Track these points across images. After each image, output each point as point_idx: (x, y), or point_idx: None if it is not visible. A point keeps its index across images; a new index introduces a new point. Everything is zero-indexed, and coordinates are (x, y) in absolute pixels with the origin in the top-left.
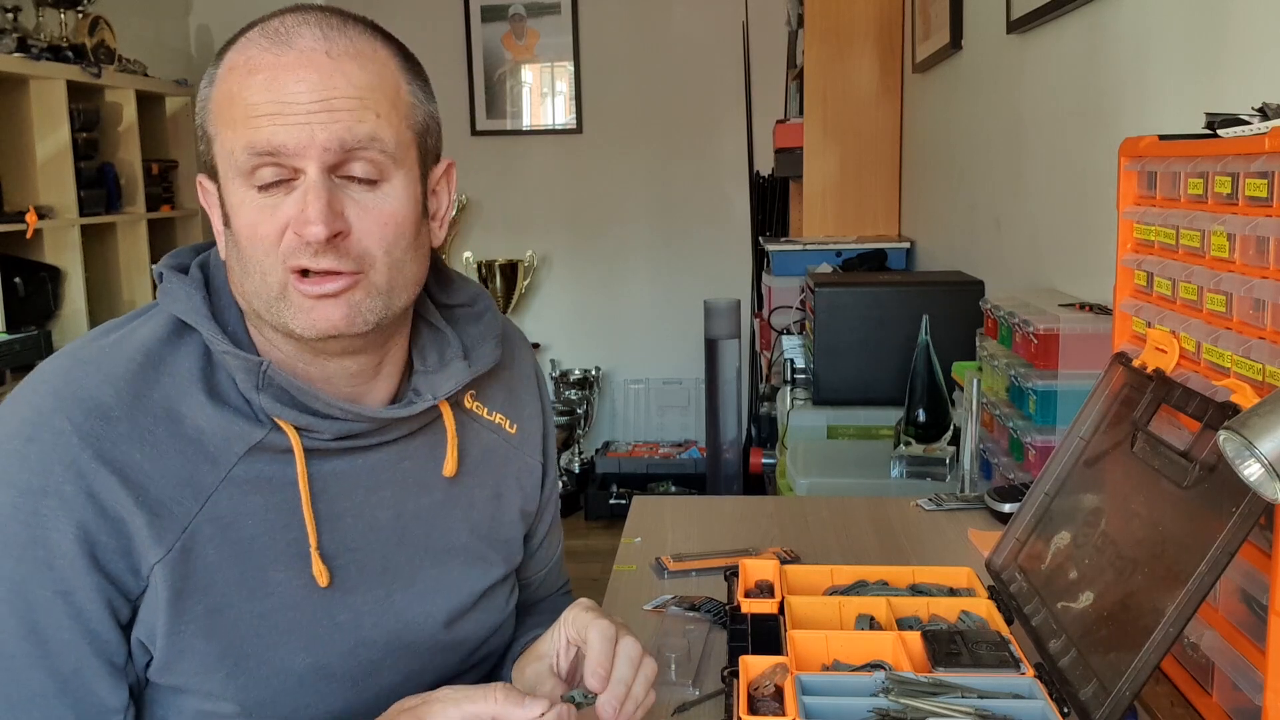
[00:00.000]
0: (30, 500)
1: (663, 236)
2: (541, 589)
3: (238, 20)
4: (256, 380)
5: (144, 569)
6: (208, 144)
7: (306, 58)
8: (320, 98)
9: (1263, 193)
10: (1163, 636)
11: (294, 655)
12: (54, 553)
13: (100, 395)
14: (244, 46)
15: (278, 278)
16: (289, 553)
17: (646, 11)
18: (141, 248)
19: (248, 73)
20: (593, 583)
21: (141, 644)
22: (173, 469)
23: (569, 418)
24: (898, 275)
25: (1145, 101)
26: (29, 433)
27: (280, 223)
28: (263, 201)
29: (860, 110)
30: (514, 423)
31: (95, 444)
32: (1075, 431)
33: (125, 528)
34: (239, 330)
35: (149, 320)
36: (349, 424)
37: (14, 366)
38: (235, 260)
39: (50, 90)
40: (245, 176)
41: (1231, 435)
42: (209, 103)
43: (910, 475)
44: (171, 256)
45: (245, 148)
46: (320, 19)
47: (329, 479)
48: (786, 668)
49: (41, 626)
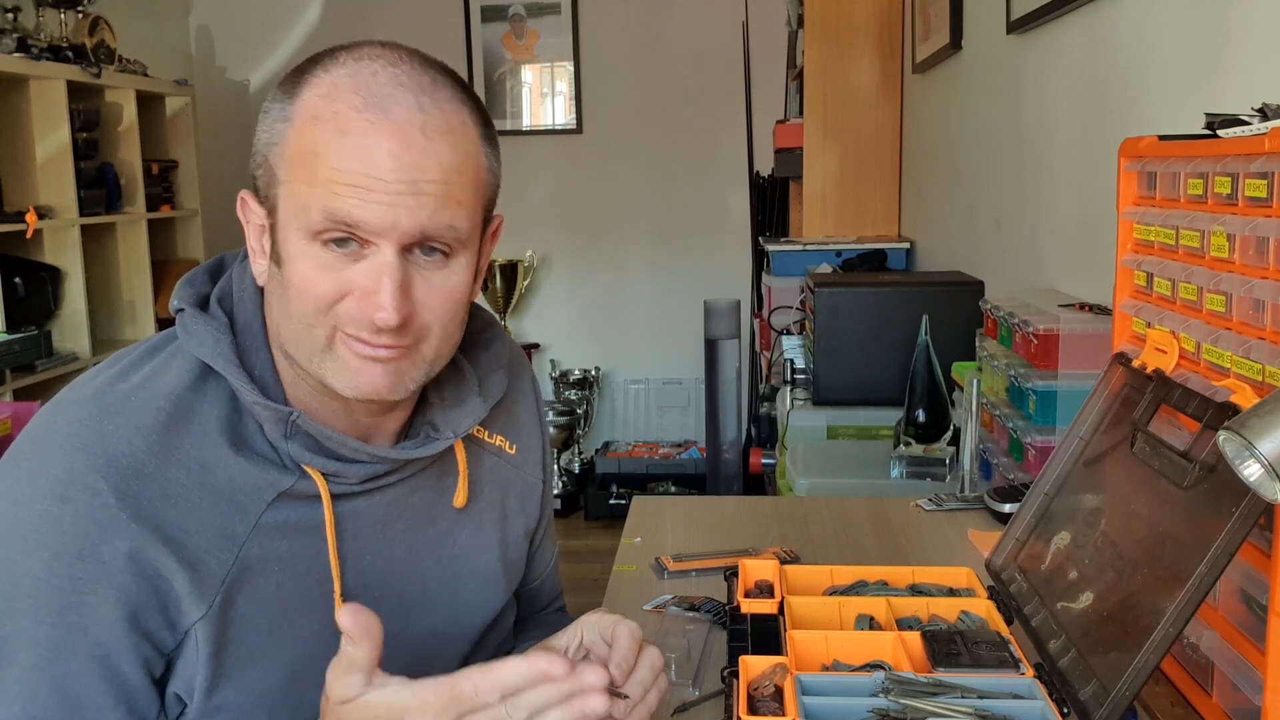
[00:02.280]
0: (65, 564)
1: (663, 236)
2: (538, 598)
3: (238, 20)
4: (285, 430)
5: (184, 625)
6: (269, 178)
7: (401, 131)
8: (409, 178)
9: (1262, 193)
10: (1162, 637)
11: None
12: (89, 617)
13: (133, 451)
14: (331, 95)
15: (325, 334)
16: (313, 596)
17: (646, 11)
18: (141, 248)
19: (338, 132)
20: (592, 583)
21: (178, 697)
22: (208, 522)
23: (569, 418)
24: (898, 275)
25: (1145, 102)
26: (61, 492)
27: (342, 286)
28: (326, 259)
29: (860, 110)
30: (514, 444)
31: (133, 504)
32: (1075, 432)
33: (165, 586)
34: (265, 373)
35: (171, 363)
36: (373, 466)
37: (14, 366)
38: (277, 299)
39: (50, 90)
40: (313, 233)
41: (1231, 435)
42: (283, 143)
43: (910, 475)
44: (188, 285)
45: (322, 211)
46: (414, 79)
47: (348, 519)
48: (786, 668)
49: (76, 693)
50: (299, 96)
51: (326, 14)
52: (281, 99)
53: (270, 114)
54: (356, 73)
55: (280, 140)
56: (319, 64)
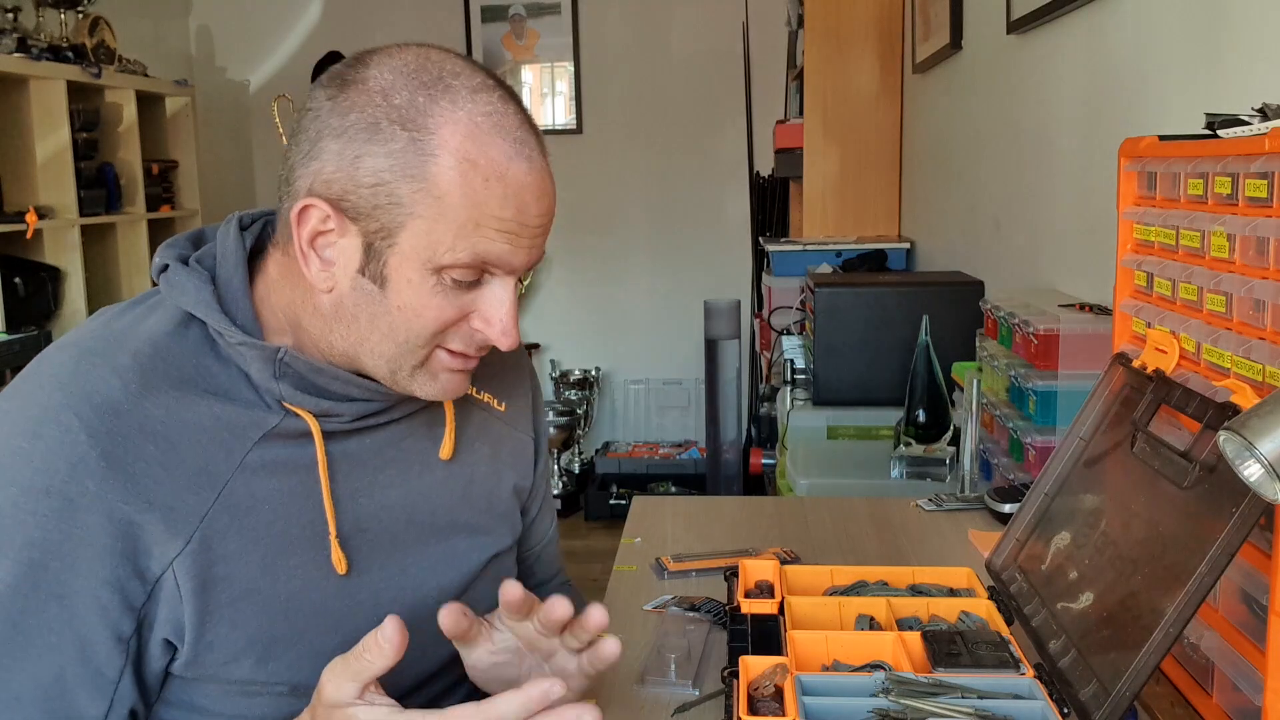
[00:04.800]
0: (31, 499)
1: (663, 236)
2: (538, 568)
3: (238, 21)
4: (274, 369)
5: (156, 569)
6: (389, 205)
7: (540, 179)
8: (545, 222)
9: (1262, 193)
10: (1163, 637)
11: (324, 636)
12: (50, 554)
13: (108, 389)
14: (477, 138)
15: (426, 353)
16: (306, 536)
17: (646, 12)
18: (141, 248)
19: (497, 180)
20: (592, 583)
21: (167, 643)
22: (184, 461)
23: (569, 418)
24: (898, 276)
25: (1145, 102)
26: (34, 429)
27: (458, 313)
28: (446, 290)
29: (860, 111)
30: (502, 401)
31: (104, 442)
32: (1075, 432)
33: (135, 530)
34: (247, 322)
35: (153, 311)
36: (366, 404)
37: (14, 366)
38: (364, 312)
39: (50, 90)
40: (441, 267)
41: (1231, 436)
42: (422, 178)
43: (910, 476)
44: (169, 247)
45: (470, 253)
46: (526, 116)
47: (340, 460)
48: (786, 668)
49: (28, 629)
50: (435, 133)
51: (326, 14)
52: (403, 129)
53: (388, 140)
54: (488, 112)
55: (418, 174)
56: (438, 94)
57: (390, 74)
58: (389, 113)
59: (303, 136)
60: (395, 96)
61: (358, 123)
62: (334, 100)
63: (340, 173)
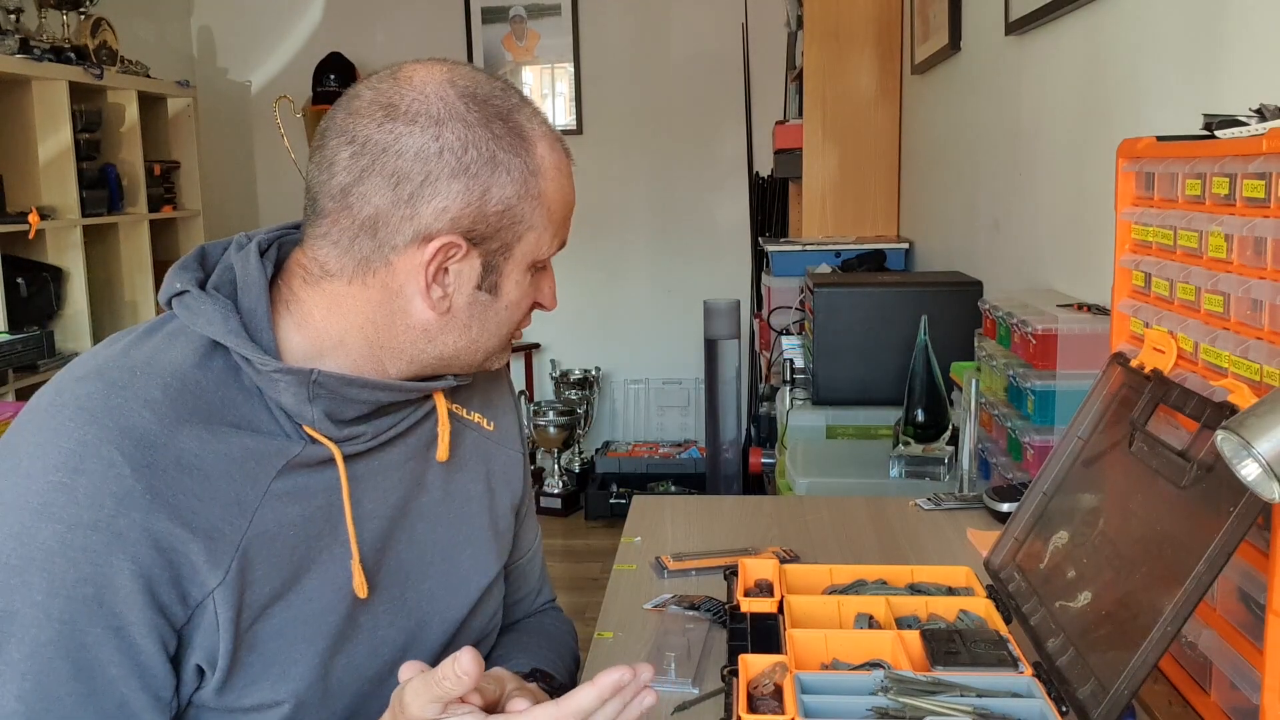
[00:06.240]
0: (79, 535)
1: (663, 236)
2: (522, 583)
3: (239, 22)
4: (309, 392)
5: (197, 596)
6: (514, 226)
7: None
8: None
9: (1260, 193)
10: (1160, 635)
11: (338, 656)
12: (104, 588)
13: (143, 422)
14: (553, 148)
15: (509, 332)
16: (321, 559)
17: (646, 12)
18: (143, 248)
19: (566, 175)
20: (592, 582)
21: (199, 669)
22: (219, 492)
23: (569, 418)
24: (897, 276)
25: (1143, 102)
26: (75, 464)
27: (535, 294)
28: (531, 278)
29: (859, 111)
30: (491, 420)
31: (148, 475)
32: (1073, 431)
33: (179, 559)
34: (272, 350)
35: (174, 341)
36: (386, 419)
37: (16, 366)
38: (466, 324)
39: (52, 91)
40: (535, 263)
41: (1229, 435)
42: (536, 194)
43: (909, 475)
44: (183, 270)
45: (558, 243)
46: None
47: (352, 484)
48: (786, 666)
49: (90, 665)
50: (533, 152)
51: (328, 16)
52: (515, 155)
53: (509, 169)
54: (537, 114)
55: (535, 192)
56: (516, 113)
57: (458, 99)
58: (498, 143)
59: (395, 177)
60: (493, 125)
61: (477, 159)
62: (429, 135)
63: (469, 207)
